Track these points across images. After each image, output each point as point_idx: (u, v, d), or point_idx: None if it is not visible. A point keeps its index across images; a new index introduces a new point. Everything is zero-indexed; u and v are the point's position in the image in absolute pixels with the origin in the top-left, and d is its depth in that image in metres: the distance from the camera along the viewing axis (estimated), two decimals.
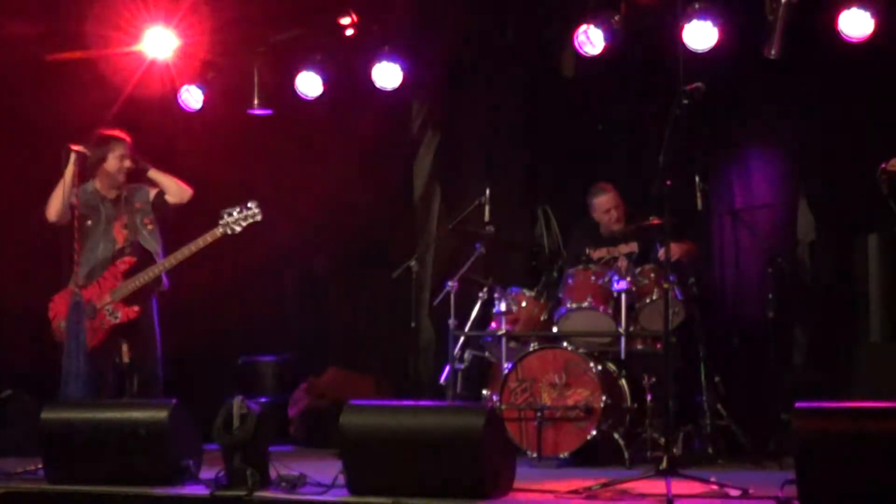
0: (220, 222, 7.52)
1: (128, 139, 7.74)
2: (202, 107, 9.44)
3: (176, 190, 7.74)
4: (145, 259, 7.65)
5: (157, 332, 7.65)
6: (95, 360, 7.44)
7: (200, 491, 6.21)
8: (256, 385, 9.48)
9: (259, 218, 7.57)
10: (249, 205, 7.54)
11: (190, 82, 9.30)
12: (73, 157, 7.47)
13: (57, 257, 7.64)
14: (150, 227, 7.71)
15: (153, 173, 7.75)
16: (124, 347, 7.61)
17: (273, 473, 6.28)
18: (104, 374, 7.57)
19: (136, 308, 7.54)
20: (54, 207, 7.59)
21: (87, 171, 7.63)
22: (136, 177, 7.81)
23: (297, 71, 9.30)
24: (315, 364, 9.69)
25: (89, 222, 7.60)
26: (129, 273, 7.58)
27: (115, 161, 7.67)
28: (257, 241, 8.35)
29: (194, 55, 9.12)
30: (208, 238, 7.53)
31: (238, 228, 7.55)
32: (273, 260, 9.94)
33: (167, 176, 7.76)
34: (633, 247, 8.29)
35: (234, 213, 7.52)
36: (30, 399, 8.70)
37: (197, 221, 7.75)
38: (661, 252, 7.34)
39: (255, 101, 9.43)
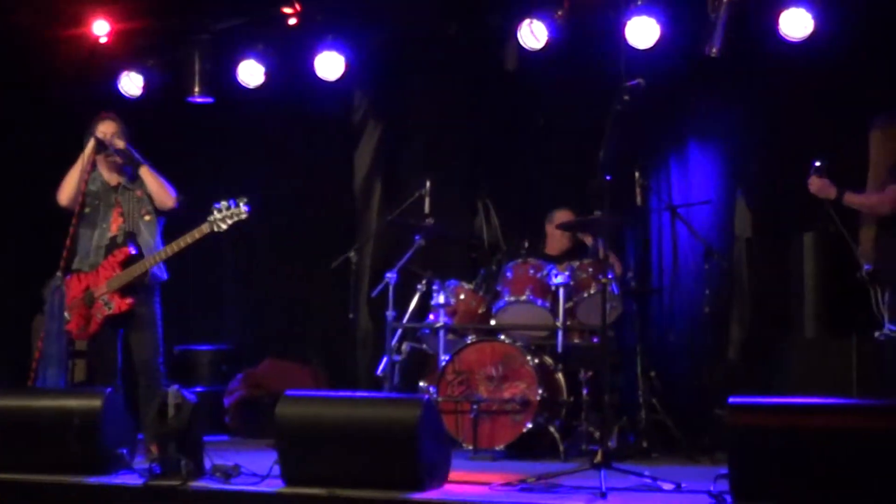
0: (209, 218, 7.22)
1: (118, 120, 7.48)
2: (142, 93, 9.41)
3: (158, 195, 7.43)
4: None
5: (158, 325, 7.39)
6: (94, 347, 7.40)
7: (134, 480, 6.17)
8: (192, 374, 9.42)
9: (244, 217, 7.25)
10: (237, 201, 7.23)
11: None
12: (92, 142, 7.31)
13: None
14: (147, 218, 7.43)
15: (143, 171, 7.42)
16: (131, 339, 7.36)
17: (208, 463, 6.25)
18: (107, 361, 7.37)
19: (128, 300, 7.28)
20: (66, 192, 7.41)
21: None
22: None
23: (239, 59, 9.26)
24: (252, 354, 9.64)
25: (87, 209, 7.37)
26: (127, 264, 7.32)
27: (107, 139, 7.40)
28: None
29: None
30: (196, 234, 7.24)
31: (224, 226, 7.24)
32: (210, 248, 9.85)
33: (156, 178, 7.42)
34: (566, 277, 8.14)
35: (223, 210, 7.21)
36: None
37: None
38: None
39: (196, 90, 9.38)
